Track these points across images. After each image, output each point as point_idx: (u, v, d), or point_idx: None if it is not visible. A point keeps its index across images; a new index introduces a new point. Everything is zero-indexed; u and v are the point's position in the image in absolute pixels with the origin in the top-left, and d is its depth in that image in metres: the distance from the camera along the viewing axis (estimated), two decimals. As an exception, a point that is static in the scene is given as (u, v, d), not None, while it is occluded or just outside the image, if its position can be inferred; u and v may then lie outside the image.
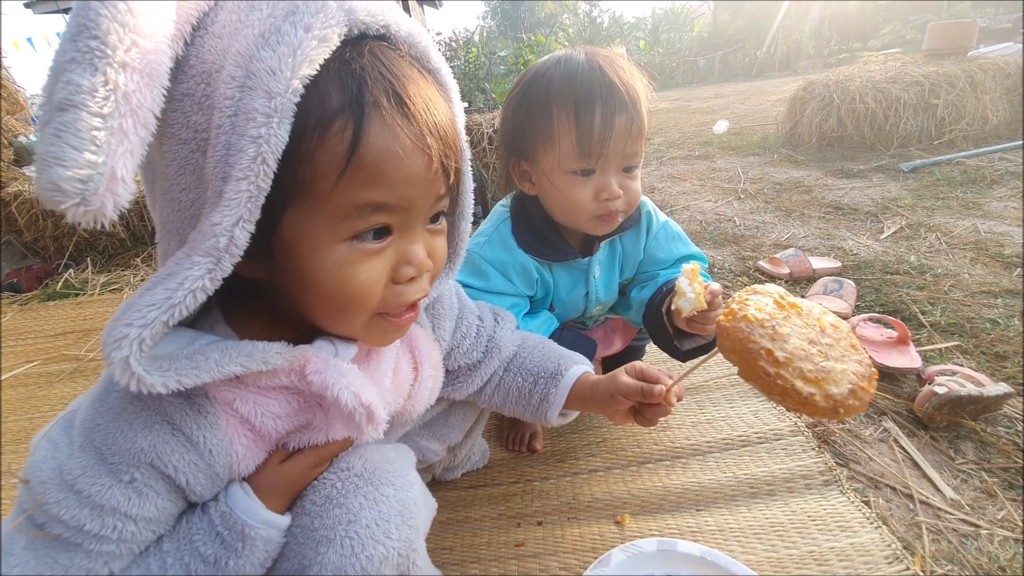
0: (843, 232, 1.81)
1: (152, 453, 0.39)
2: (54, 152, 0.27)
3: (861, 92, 2.89)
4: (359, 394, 0.42)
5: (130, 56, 0.29)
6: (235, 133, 0.33)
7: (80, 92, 0.27)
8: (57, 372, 1.45)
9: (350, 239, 0.39)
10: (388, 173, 0.37)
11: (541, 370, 0.67)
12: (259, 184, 0.33)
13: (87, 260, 2.30)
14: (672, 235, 0.89)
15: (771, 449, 0.87)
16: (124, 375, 0.34)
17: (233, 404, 0.42)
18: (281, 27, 0.33)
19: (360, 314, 0.42)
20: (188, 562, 0.42)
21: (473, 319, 0.67)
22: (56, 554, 0.39)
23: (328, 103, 0.34)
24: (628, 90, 0.70)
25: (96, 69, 0.28)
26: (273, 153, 0.32)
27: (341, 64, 0.35)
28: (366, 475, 0.46)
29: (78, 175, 0.27)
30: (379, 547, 0.43)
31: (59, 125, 0.27)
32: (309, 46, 0.32)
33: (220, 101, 0.33)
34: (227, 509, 0.42)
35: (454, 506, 0.83)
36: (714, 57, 11.87)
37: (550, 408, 0.66)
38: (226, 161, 0.33)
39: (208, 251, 0.33)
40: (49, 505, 0.38)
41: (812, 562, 0.68)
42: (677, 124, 4.83)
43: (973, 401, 0.88)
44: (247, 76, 0.32)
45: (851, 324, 1.16)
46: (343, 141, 0.35)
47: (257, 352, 0.39)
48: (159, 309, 0.33)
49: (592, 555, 0.71)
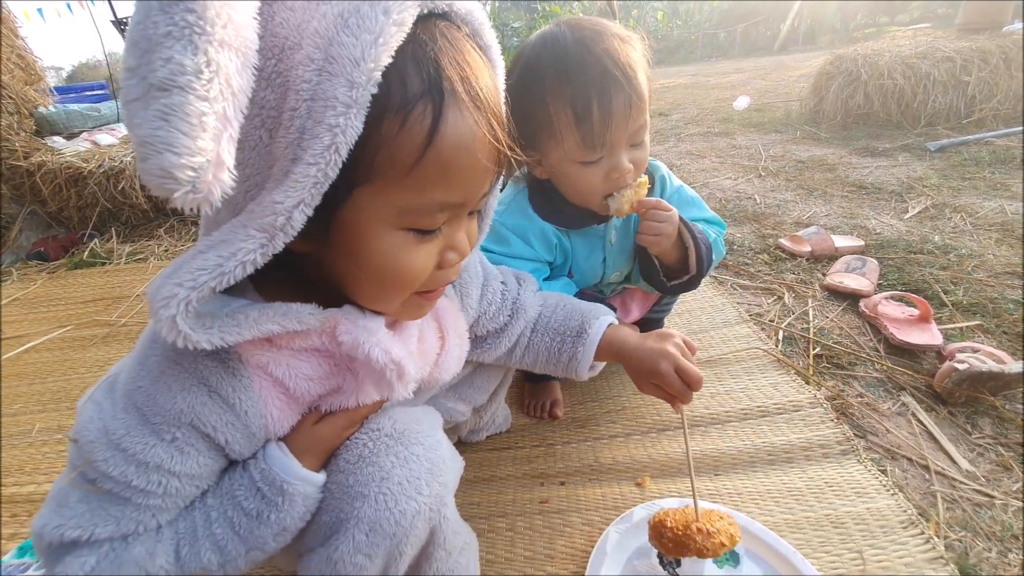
0: (866, 211, 1.79)
1: (191, 414, 0.40)
2: (163, 137, 0.26)
3: (890, 68, 2.79)
4: (389, 350, 0.43)
5: (227, 33, 0.28)
6: (311, 119, 0.32)
7: (184, 73, 0.26)
8: (90, 336, 1.50)
9: (409, 227, 0.40)
10: (459, 163, 0.38)
11: (566, 328, 0.69)
12: (327, 172, 0.33)
13: (111, 230, 2.34)
14: (686, 199, 0.90)
15: (789, 419, 0.89)
16: (171, 332, 0.34)
17: (267, 368, 0.43)
18: (360, 8, 0.32)
19: (404, 294, 0.44)
20: (231, 516, 0.44)
21: (497, 285, 0.68)
22: (108, 507, 0.41)
23: (409, 87, 0.34)
24: (621, 65, 0.68)
25: (196, 48, 0.26)
26: (347, 143, 0.32)
27: (416, 46, 0.34)
28: (396, 435, 0.48)
29: (191, 163, 0.26)
30: (411, 502, 0.45)
31: (165, 108, 0.26)
32: (389, 32, 0.31)
33: (296, 83, 0.32)
34: (266, 466, 0.44)
35: (480, 465, 0.86)
36: (735, 30, 11.47)
37: (579, 365, 0.68)
38: (298, 144, 0.33)
39: (264, 227, 0.34)
40: (98, 462, 0.40)
41: (829, 525, 0.70)
42: (696, 100, 4.72)
43: (993, 377, 0.89)
44: (327, 60, 0.32)
45: (874, 301, 1.16)
46: (423, 127, 0.35)
47: (292, 312, 0.41)
48: (209, 274, 0.34)
49: (614, 513, 0.74)
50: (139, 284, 1.83)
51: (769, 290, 1.36)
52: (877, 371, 1.02)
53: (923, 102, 2.73)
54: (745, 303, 1.30)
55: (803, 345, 1.11)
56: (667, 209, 0.77)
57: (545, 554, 0.71)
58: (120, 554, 0.42)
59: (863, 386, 0.99)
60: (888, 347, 1.08)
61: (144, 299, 1.70)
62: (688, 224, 0.80)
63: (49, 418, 1.13)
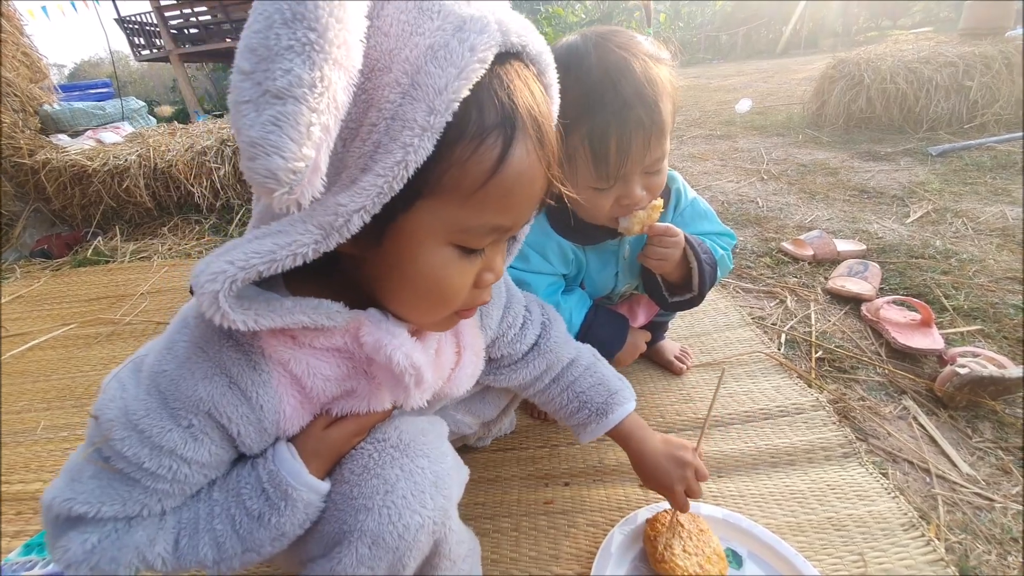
0: (868, 215, 1.80)
1: (210, 403, 0.41)
2: (273, 142, 0.28)
3: (892, 72, 2.80)
4: (411, 355, 0.44)
5: (340, 54, 0.30)
6: (388, 135, 0.34)
7: (301, 85, 0.28)
8: (94, 335, 1.51)
9: (457, 244, 0.41)
10: (517, 193, 0.40)
11: (589, 399, 0.69)
12: (393, 185, 0.35)
13: (115, 228, 2.35)
14: (699, 212, 0.90)
15: (792, 422, 0.90)
16: (211, 308, 0.35)
17: (287, 364, 0.44)
18: (449, 43, 0.34)
19: (443, 310, 0.45)
20: (234, 513, 0.45)
21: (520, 309, 0.68)
22: (118, 486, 0.42)
23: (486, 116, 0.36)
24: (646, 101, 0.65)
25: (314, 64, 0.29)
26: (416, 162, 0.34)
27: (496, 81, 0.37)
28: (401, 446, 0.49)
29: (295, 167, 0.29)
30: (415, 516, 0.45)
31: (278, 114, 0.28)
32: (472, 68, 0.34)
33: (380, 101, 0.35)
34: (274, 468, 0.45)
35: (484, 466, 0.87)
36: (737, 33, 11.49)
37: (584, 434, 0.70)
38: (371, 156, 0.35)
39: (323, 225, 0.35)
40: (114, 441, 0.41)
41: (830, 527, 0.71)
42: (698, 102, 4.73)
43: (994, 382, 0.89)
44: (412, 86, 0.34)
45: (875, 305, 1.17)
46: (492, 155, 0.37)
47: (322, 307, 0.42)
48: (261, 259, 0.35)
49: (618, 514, 0.75)
50: (143, 282, 1.84)
51: (771, 293, 1.37)
52: (879, 375, 1.03)
53: (925, 106, 2.74)
54: (748, 306, 1.31)
55: (805, 348, 1.12)
56: (675, 235, 0.77)
57: (550, 554, 0.71)
58: (122, 536, 0.42)
59: (865, 389, 0.99)
60: (890, 351, 1.09)
61: (148, 298, 1.71)
62: (694, 245, 0.80)
63: (54, 416, 1.14)
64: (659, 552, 0.63)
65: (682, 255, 0.80)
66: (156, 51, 7.23)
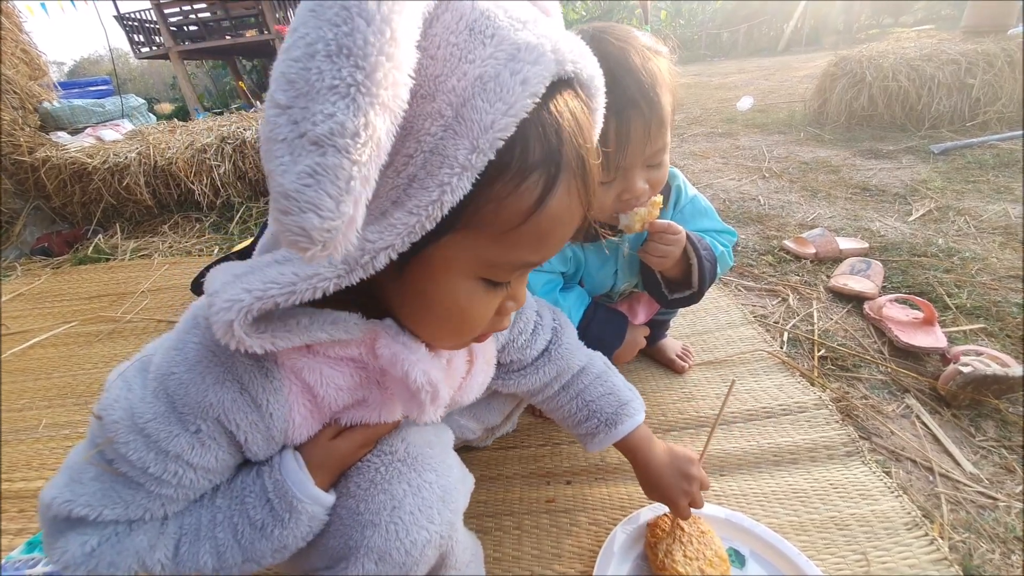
0: (870, 213, 1.79)
1: (220, 409, 0.40)
2: (309, 197, 0.25)
3: (894, 70, 2.79)
4: (428, 371, 0.42)
5: (387, 95, 0.27)
6: (424, 170, 0.32)
7: (343, 135, 0.25)
8: (95, 332, 1.50)
9: (483, 277, 0.40)
10: (555, 232, 0.38)
11: (599, 408, 0.68)
12: (425, 225, 0.32)
13: (115, 226, 2.35)
14: (699, 210, 0.89)
15: (795, 421, 0.89)
16: (226, 335, 0.34)
17: (301, 373, 0.43)
18: (501, 74, 0.31)
19: (464, 339, 0.44)
20: (236, 521, 0.44)
21: (531, 314, 0.67)
22: (121, 490, 0.41)
23: (530, 154, 0.34)
24: (644, 90, 0.66)
25: (359, 108, 0.25)
26: (452, 202, 0.32)
27: (545, 114, 0.34)
28: (408, 460, 0.48)
29: (330, 226, 0.26)
30: (422, 532, 0.45)
31: (317, 166, 0.25)
32: (522, 104, 0.31)
33: (419, 132, 0.32)
34: (280, 478, 0.44)
35: (487, 464, 0.87)
36: (738, 30, 11.45)
37: (591, 444, 0.69)
38: (404, 190, 0.32)
39: (347, 260, 0.33)
40: (119, 444, 0.39)
41: (833, 527, 0.71)
42: (699, 100, 4.71)
43: (998, 381, 0.89)
44: (456, 119, 0.31)
45: (878, 304, 1.17)
46: (533, 195, 0.35)
47: (341, 321, 0.40)
48: (280, 289, 0.34)
49: (620, 513, 0.75)
50: (143, 280, 1.84)
51: (774, 292, 1.36)
52: (881, 373, 1.03)
53: (927, 104, 2.73)
54: (750, 304, 1.31)
55: (808, 347, 1.12)
56: (676, 232, 0.77)
57: (552, 553, 0.71)
58: (122, 539, 0.42)
59: (867, 388, 0.99)
60: (892, 349, 1.09)
61: (149, 296, 1.71)
62: (695, 242, 0.80)
63: (55, 414, 1.14)
64: (659, 559, 0.63)
65: (682, 253, 0.80)
66: (156, 48, 7.23)
